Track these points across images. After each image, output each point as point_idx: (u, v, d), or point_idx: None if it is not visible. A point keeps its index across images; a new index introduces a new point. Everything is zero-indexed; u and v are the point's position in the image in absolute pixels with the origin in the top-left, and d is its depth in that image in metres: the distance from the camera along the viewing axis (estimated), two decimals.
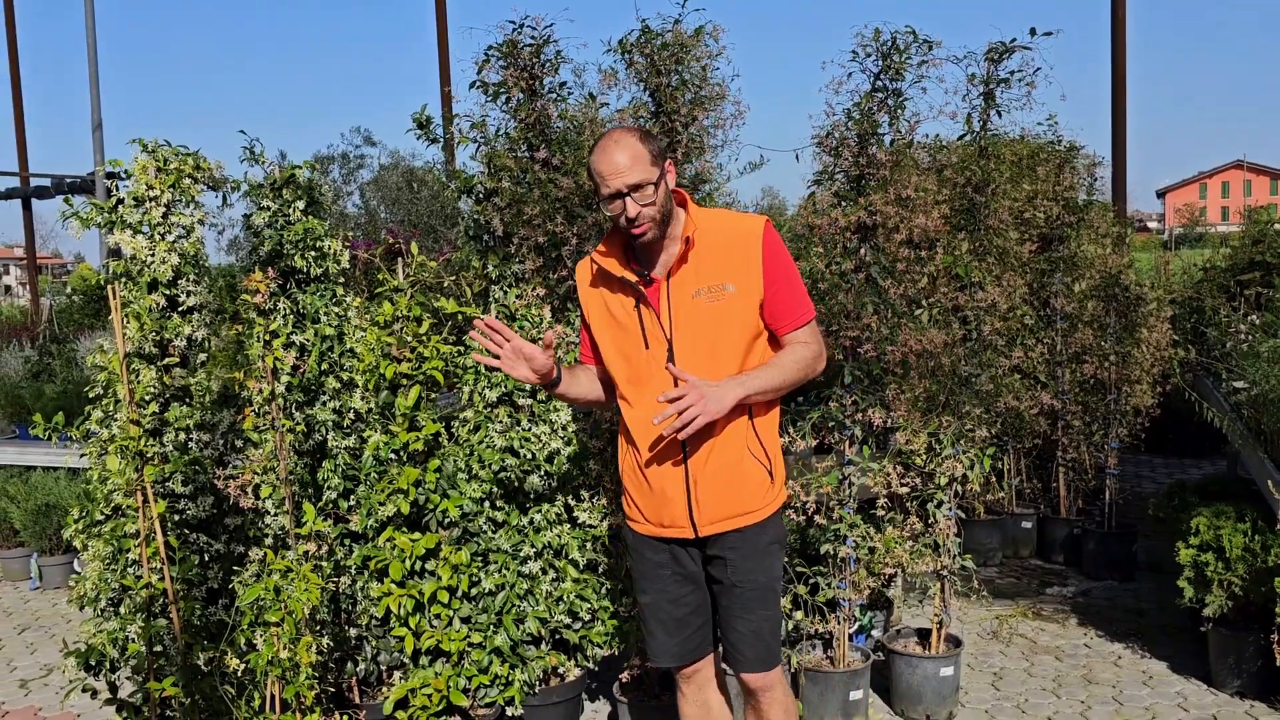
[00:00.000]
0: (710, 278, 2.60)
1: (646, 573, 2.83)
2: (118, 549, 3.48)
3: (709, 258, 2.61)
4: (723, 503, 2.67)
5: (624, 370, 2.71)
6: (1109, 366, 6.09)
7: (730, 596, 2.73)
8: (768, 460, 2.70)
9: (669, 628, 2.82)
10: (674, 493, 2.67)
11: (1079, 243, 6.33)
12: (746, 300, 2.61)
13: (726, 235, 2.63)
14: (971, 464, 4.09)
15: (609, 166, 2.51)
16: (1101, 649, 4.86)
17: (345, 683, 3.81)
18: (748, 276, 2.60)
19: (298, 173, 3.77)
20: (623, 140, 2.54)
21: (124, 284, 3.53)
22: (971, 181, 4.32)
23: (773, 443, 2.74)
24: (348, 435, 3.74)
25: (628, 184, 2.50)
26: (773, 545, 2.75)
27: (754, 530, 2.70)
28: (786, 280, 2.64)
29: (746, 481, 2.67)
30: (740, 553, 2.70)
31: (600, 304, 2.74)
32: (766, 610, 2.74)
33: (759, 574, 2.71)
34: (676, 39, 3.82)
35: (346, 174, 15.76)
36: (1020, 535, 6.35)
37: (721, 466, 2.64)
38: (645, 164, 2.51)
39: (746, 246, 2.61)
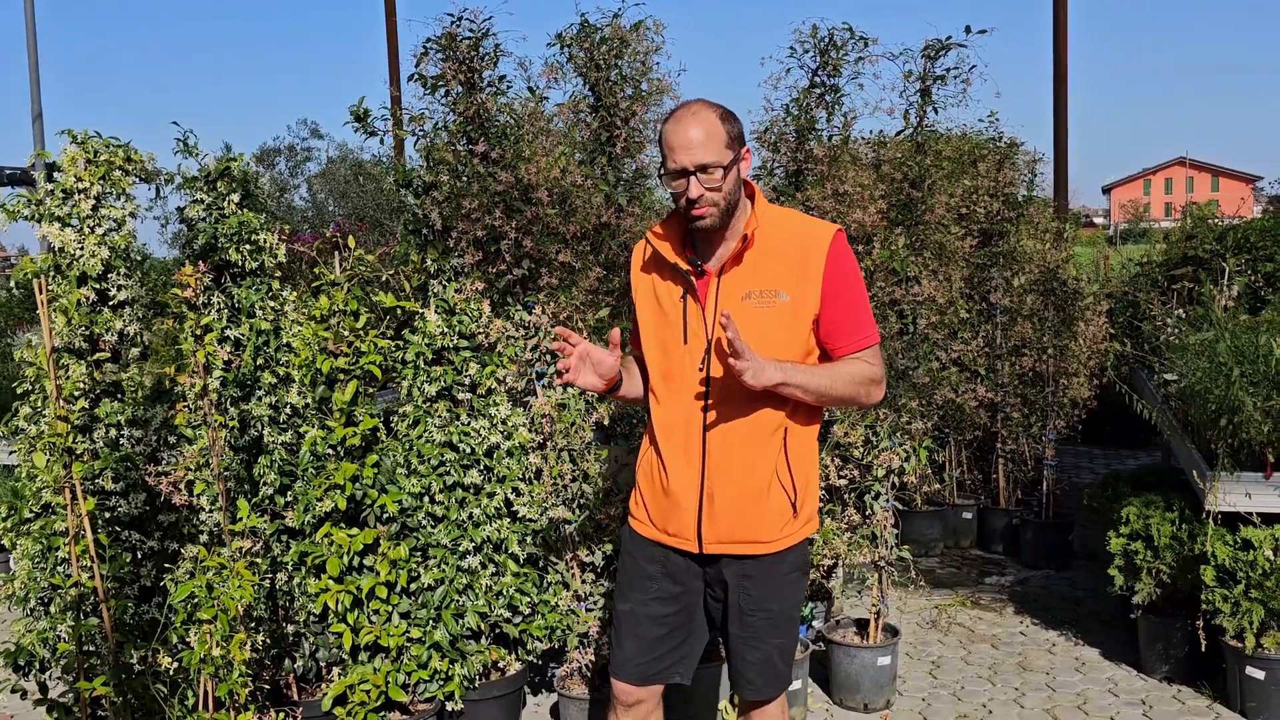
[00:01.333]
0: (764, 281, 2.42)
1: (632, 580, 2.65)
2: (47, 547, 3.43)
3: (767, 260, 2.42)
4: (735, 525, 2.49)
5: (659, 362, 2.55)
6: (1047, 359, 6.20)
7: (741, 624, 2.56)
8: (794, 491, 2.49)
9: (640, 644, 2.63)
10: (686, 502, 2.51)
11: (1019, 238, 6.43)
12: (800, 312, 2.41)
13: (790, 239, 2.43)
14: (908, 456, 4.15)
15: (680, 139, 2.32)
16: (1037, 637, 4.96)
17: (283, 679, 3.78)
18: (804, 286, 2.40)
19: (233, 165, 3.73)
20: (700, 114, 2.34)
21: (53, 278, 3.47)
22: (909, 177, 4.38)
23: (804, 471, 2.52)
24: (284, 431, 3.71)
25: (695, 162, 2.31)
26: (793, 574, 2.56)
27: (772, 558, 2.52)
28: (849, 298, 2.42)
29: (766, 510, 2.48)
30: (755, 581, 2.52)
31: (649, 289, 2.57)
32: (779, 639, 2.57)
33: (774, 602, 2.54)
34: (615, 33, 3.83)
35: (294, 166, 15.58)
36: (961, 526, 6.45)
37: (743, 487, 2.46)
38: (719, 144, 2.33)
39: (809, 254, 2.40)
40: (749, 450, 2.46)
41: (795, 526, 2.53)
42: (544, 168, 3.70)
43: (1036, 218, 6.53)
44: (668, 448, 2.54)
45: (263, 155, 15.82)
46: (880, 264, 4.00)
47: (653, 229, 2.59)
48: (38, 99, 12.87)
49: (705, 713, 3.92)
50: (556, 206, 3.81)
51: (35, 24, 12.74)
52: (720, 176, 2.33)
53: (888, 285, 4.15)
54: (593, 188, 3.83)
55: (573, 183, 3.83)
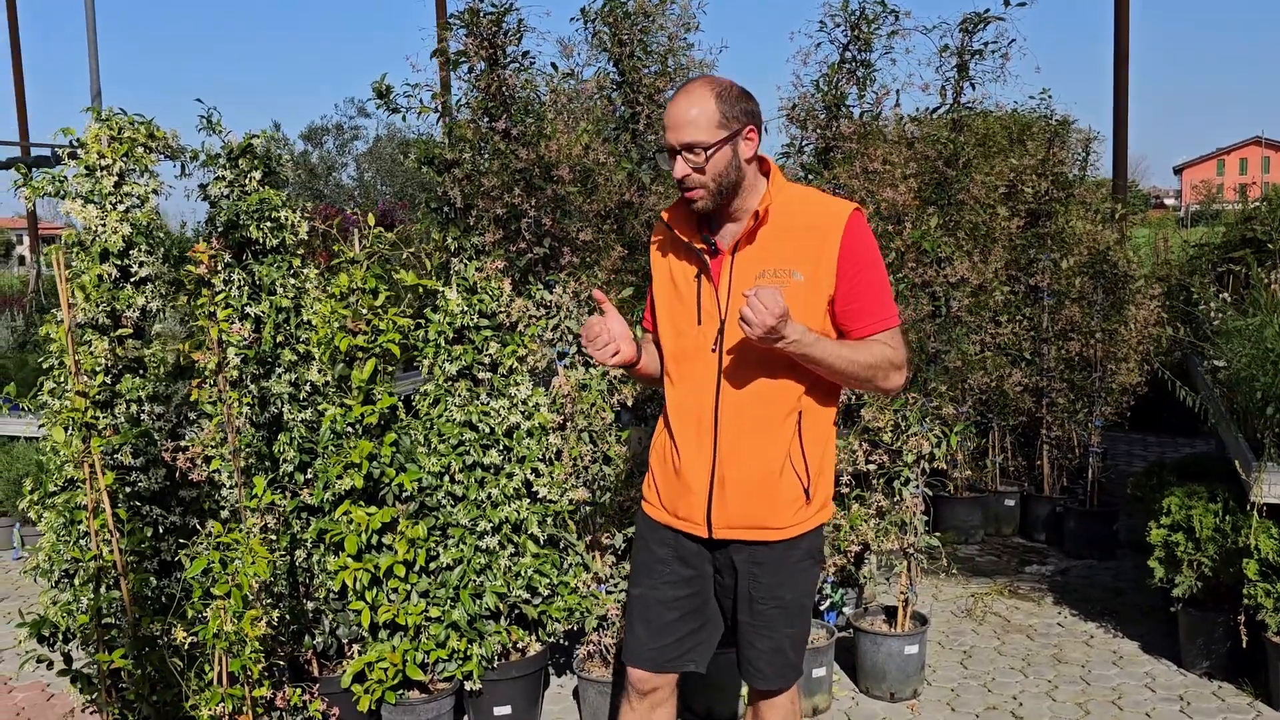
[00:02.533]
0: (778, 260, 2.34)
1: (644, 564, 2.60)
2: (70, 520, 3.47)
3: (781, 239, 2.35)
4: (745, 510, 2.43)
5: (673, 343, 2.50)
6: (1095, 344, 6.02)
7: (751, 613, 2.50)
8: (807, 477, 2.42)
9: (651, 629, 2.58)
10: (697, 485, 2.46)
11: (1068, 218, 6.25)
12: (814, 293, 2.32)
13: (805, 217, 2.36)
14: (939, 441, 4.04)
15: (671, 117, 2.29)
16: (1074, 628, 4.83)
17: (303, 656, 3.81)
18: (818, 267, 2.31)
19: (255, 142, 3.72)
20: (695, 92, 2.28)
21: (76, 254, 3.51)
22: (943, 155, 4.25)
23: (819, 457, 2.45)
24: (304, 408, 3.72)
25: (681, 141, 2.27)
26: (804, 562, 2.49)
27: (784, 546, 2.45)
28: (866, 278, 2.34)
29: (778, 495, 2.41)
30: (765, 569, 2.46)
31: (666, 268, 2.52)
32: (791, 628, 2.50)
33: (785, 591, 2.47)
34: (640, 7, 3.76)
35: (341, 145, 15.68)
36: (1003, 513, 6.31)
37: (754, 471, 2.40)
38: (708, 124, 2.26)
39: (824, 233, 2.32)
40: (761, 433, 2.39)
41: (808, 513, 2.46)
42: (565, 145, 3.65)
43: (1088, 198, 6.33)
44: (680, 429, 2.49)
45: (310, 134, 16.01)
46: (911, 244, 3.89)
47: (668, 208, 2.54)
48: (96, 77, 13.11)
49: (725, 702, 3.87)
50: (578, 184, 3.75)
51: (94, 2, 12.96)
52: (704, 157, 2.28)
53: (919, 266, 4.03)
54: (615, 165, 3.76)
55: (595, 160, 3.77)
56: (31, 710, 4.42)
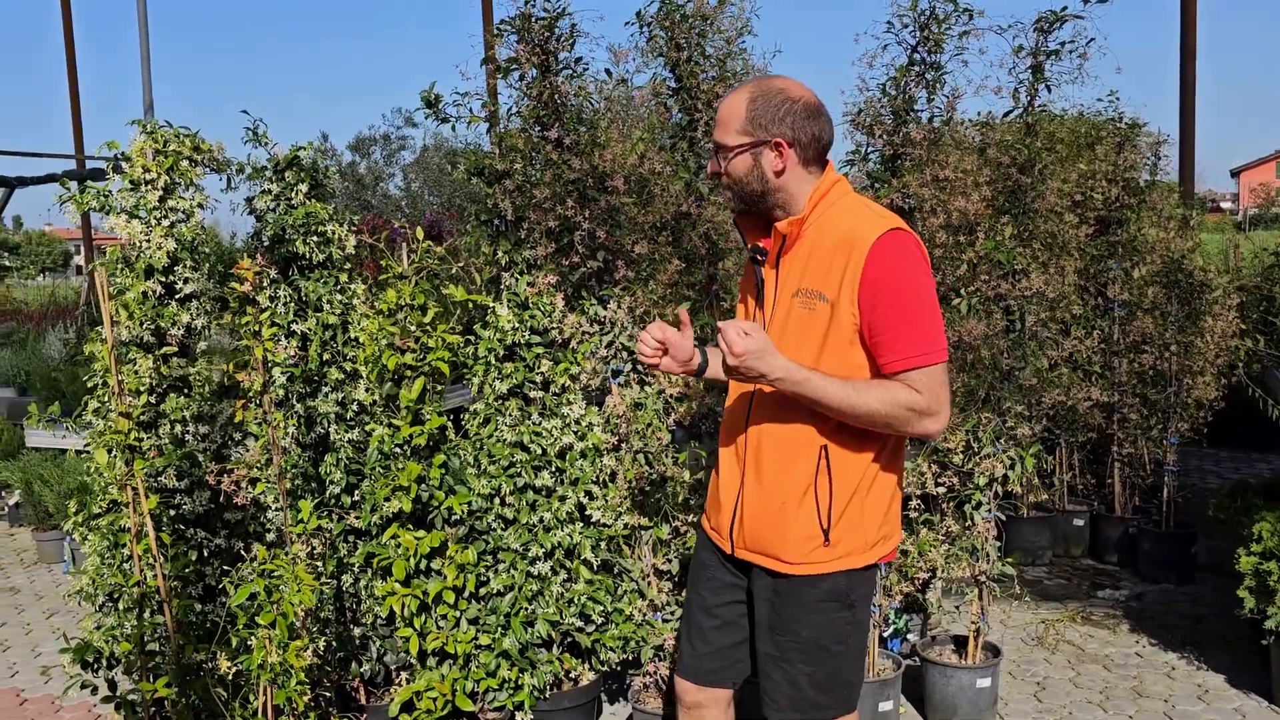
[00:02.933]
0: (812, 280, 2.19)
1: (693, 570, 2.59)
2: (114, 543, 3.39)
3: (815, 257, 2.20)
4: (757, 535, 2.33)
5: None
6: (1169, 357, 5.75)
7: (770, 642, 2.37)
8: (827, 519, 2.23)
9: (693, 636, 2.53)
10: (726, 501, 2.42)
11: (1139, 226, 5.99)
12: (838, 319, 2.15)
13: (839, 235, 2.16)
14: (1012, 463, 3.83)
15: (718, 112, 2.27)
16: (1154, 658, 4.57)
17: (350, 683, 3.69)
18: (843, 291, 2.13)
19: (301, 154, 3.63)
20: (738, 93, 2.22)
21: (121, 270, 3.42)
22: (1017, 161, 4.04)
23: (846, 498, 2.23)
24: (351, 428, 3.60)
25: (715, 139, 2.25)
26: (828, 603, 2.29)
27: (801, 582, 2.29)
28: (895, 307, 2.10)
29: (788, 528, 2.26)
30: (783, 600, 2.32)
31: (753, 277, 2.40)
32: (810, 666, 2.33)
33: (802, 628, 2.31)
34: (698, 10, 3.60)
35: (388, 155, 15.69)
36: (1072, 533, 6.04)
37: (768, 497, 2.28)
38: (733, 127, 2.20)
39: (849, 254, 2.12)
40: (779, 461, 2.28)
41: (827, 555, 2.26)
42: (620, 154, 3.50)
43: (1159, 204, 6.06)
44: (723, 443, 2.48)
45: (358, 144, 16.03)
46: (984, 256, 3.69)
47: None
48: (149, 90, 13.22)
49: None
50: (633, 195, 3.61)
51: (147, 15, 13.08)
52: (724, 162, 2.24)
53: (992, 279, 3.83)
54: (672, 175, 3.61)
55: (651, 170, 3.62)
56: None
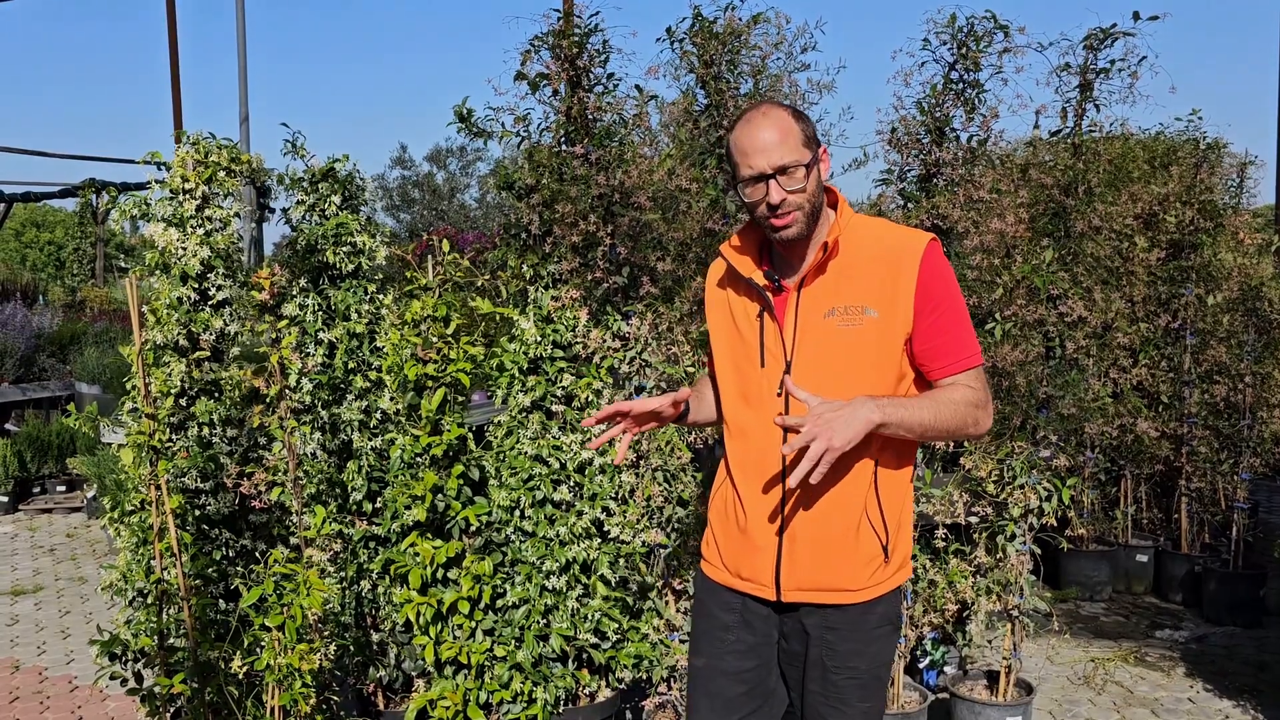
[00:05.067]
0: (849, 296, 2.16)
1: (707, 632, 2.39)
2: (142, 540, 3.49)
3: (852, 272, 2.18)
4: (818, 570, 2.22)
5: (734, 386, 2.32)
6: (1244, 388, 5.49)
7: (823, 683, 2.26)
8: (886, 534, 2.22)
9: (716, 705, 2.36)
10: (764, 542, 2.25)
11: (1215, 250, 5.74)
12: (890, 331, 2.15)
13: (878, 248, 2.18)
14: (1048, 495, 3.69)
15: (752, 142, 2.11)
16: (1207, 705, 4.36)
17: (367, 688, 3.74)
18: (894, 302, 2.14)
19: (337, 166, 3.71)
20: (771, 114, 2.15)
21: (159, 276, 3.54)
22: (1060, 183, 3.90)
23: (897, 511, 2.25)
24: (375, 435, 3.66)
25: (774, 164, 2.09)
26: (883, 628, 2.26)
27: (859, 610, 2.22)
28: (947, 313, 2.15)
29: (854, 555, 2.20)
30: (840, 635, 2.23)
31: (725, 307, 2.35)
32: (866, 701, 2.25)
33: (861, 661, 2.24)
34: (729, 27, 3.58)
35: (464, 167, 15.94)
36: (1134, 569, 5.81)
37: (829, 526, 2.20)
38: (796, 143, 2.11)
39: (899, 265, 2.14)
40: (836, 486, 2.16)
41: (887, 573, 2.24)
42: (645, 170, 3.49)
43: (1238, 228, 5.79)
44: (744, 481, 2.27)
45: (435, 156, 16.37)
46: (1021, 279, 3.57)
47: (728, 242, 2.36)
48: (245, 102, 13.68)
49: None
50: (659, 211, 3.59)
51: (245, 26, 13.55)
52: (803, 176, 2.11)
53: (1031, 304, 3.70)
54: (698, 191, 3.59)
55: (679, 186, 3.60)
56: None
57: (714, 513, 2.41)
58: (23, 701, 4.69)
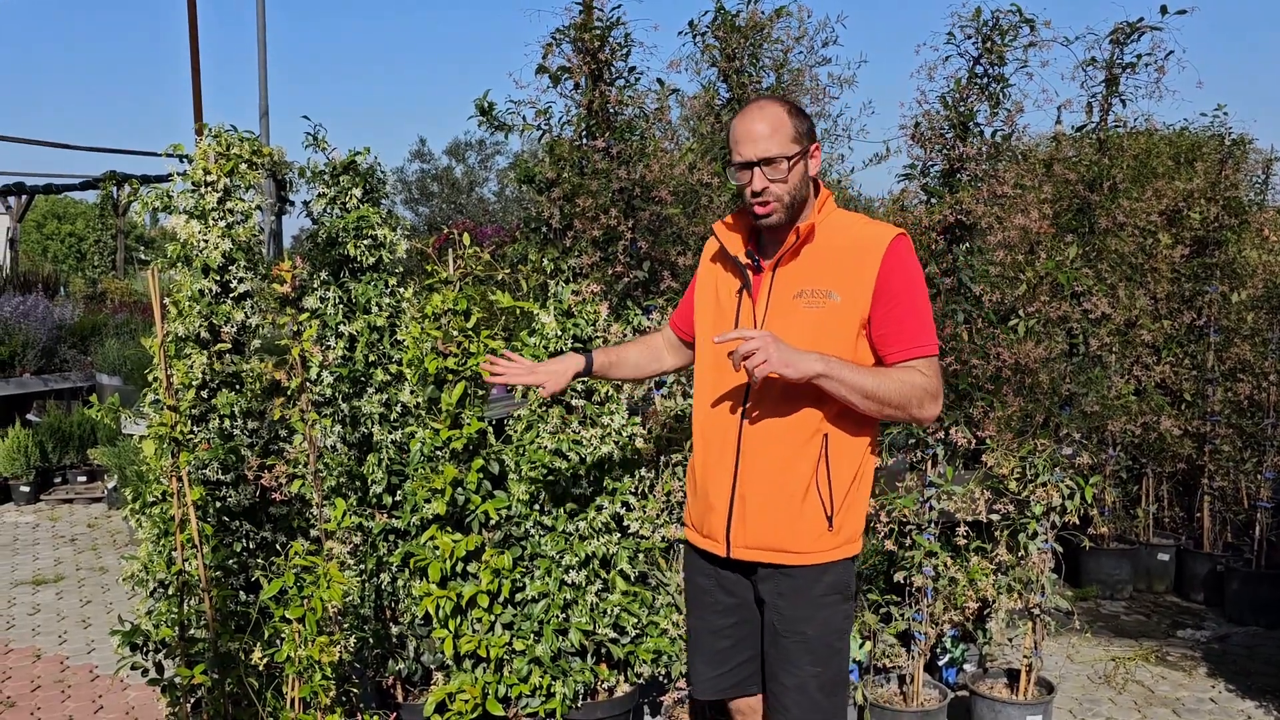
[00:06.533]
0: (816, 280, 2.34)
1: (692, 595, 2.64)
2: (164, 531, 3.51)
3: (823, 260, 2.35)
4: (765, 530, 2.39)
5: (708, 357, 2.49)
6: (1269, 386, 5.44)
7: (775, 646, 2.45)
8: (831, 506, 2.36)
9: (708, 658, 2.60)
10: (718, 501, 2.44)
11: (1240, 247, 5.68)
12: (849, 314, 2.31)
13: (847, 238, 2.36)
14: (1071, 493, 3.67)
15: (744, 132, 2.31)
16: (1229, 705, 4.32)
17: (386, 681, 3.74)
18: (856, 289, 2.30)
19: (358, 159, 3.71)
20: (767, 108, 2.33)
21: (180, 268, 3.55)
22: (1084, 178, 3.85)
23: (845, 486, 2.37)
24: (395, 429, 3.66)
25: (760, 155, 2.28)
26: (830, 596, 2.41)
27: (807, 575, 2.39)
28: (904, 303, 2.30)
29: (798, 519, 2.36)
30: (788, 600, 2.41)
31: (712, 281, 2.55)
32: (816, 667, 2.41)
33: (808, 627, 2.40)
34: (751, 21, 3.56)
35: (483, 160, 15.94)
36: (1155, 568, 5.76)
37: (775, 490, 2.36)
38: (784, 137, 2.29)
39: (864, 254, 2.31)
40: (785, 451, 2.36)
41: (832, 542, 2.40)
42: (666, 164, 3.48)
43: (1263, 225, 5.74)
44: (704, 446, 2.49)
45: (454, 149, 16.39)
46: (1044, 276, 3.54)
47: (722, 220, 2.57)
48: (265, 96, 13.72)
49: None
50: (680, 206, 3.58)
51: (265, 21, 13.58)
52: (785, 169, 2.30)
53: (1055, 300, 3.66)
54: (720, 186, 3.57)
55: (700, 181, 3.58)
56: (140, 710, 4.53)
57: (687, 477, 2.64)
58: (44, 690, 4.72)
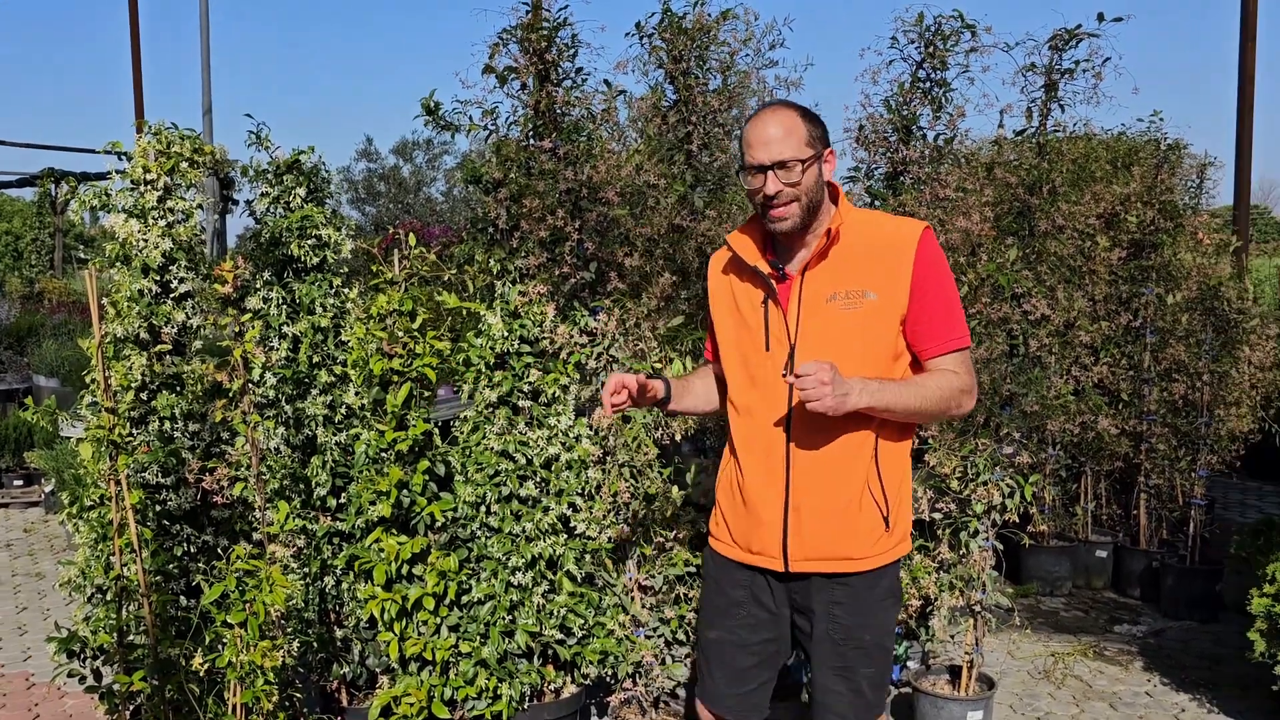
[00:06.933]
0: (850, 281, 2.30)
1: (718, 607, 2.53)
2: (101, 536, 3.44)
3: (853, 259, 2.32)
4: (823, 540, 2.34)
5: (740, 372, 2.44)
6: (1202, 386, 5.58)
7: (831, 656, 2.40)
8: (886, 505, 2.35)
9: (729, 675, 2.52)
10: (769, 516, 2.37)
11: (1175, 250, 5.82)
12: (889, 313, 2.29)
13: (876, 237, 2.34)
14: (1011, 491, 3.73)
15: (757, 135, 2.27)
16: (1164, 699, 4.42)
17: (330, 685, 3.71)
18: (893, 285, 2.28)
19: (302, 158, 3.67)
20: (780, 112, 2.31)
21: (119, 268, 3.49)
22: (1024, 182, 3.93)
23: (897, 485, 2.38)
24: (339, 430, 3.63)
25: (773, 158, 2.24)
26: (887, 599, 2.40)
27: (864, 582, 2.36)
28: (939, 296, 2.30)
29: (857, 525, 2.33)
30: (847, 608, 2.37)
31: (728, 295, 2.48)
32: (870, 668, 2.39)
33: (866, 631, 2.37)
34: (698, 23, 3.57)
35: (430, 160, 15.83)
36: (1094, 565, 5.88)
37: (831, 500, 2.33)
38: (798, 141, 2.26)
39: (897, 251, 2.29)
40: (838, 460, 2.32)
41: (889, 543, 2.38)
42: (613, 165, 3.49)
43: (1197, 228, 5.88)
44: (749, 460, 2.41)
45: (401, 149, 16.26)
46: (986, 278, 3.60)
47: (734, 232, 2.51)
48: (208, 93, 13.48)
49: None
50: (628, 207, 3.59)
51: (209, 17, 13.36)
52: (799, 173, 2.26)
53: (995, 302, 3.73)
54: (666, 187, 3.58)
55: (646, 182, 3.59)
56: (78, 718, 4.43)
57: (721, 492, 2.55)
58: None
